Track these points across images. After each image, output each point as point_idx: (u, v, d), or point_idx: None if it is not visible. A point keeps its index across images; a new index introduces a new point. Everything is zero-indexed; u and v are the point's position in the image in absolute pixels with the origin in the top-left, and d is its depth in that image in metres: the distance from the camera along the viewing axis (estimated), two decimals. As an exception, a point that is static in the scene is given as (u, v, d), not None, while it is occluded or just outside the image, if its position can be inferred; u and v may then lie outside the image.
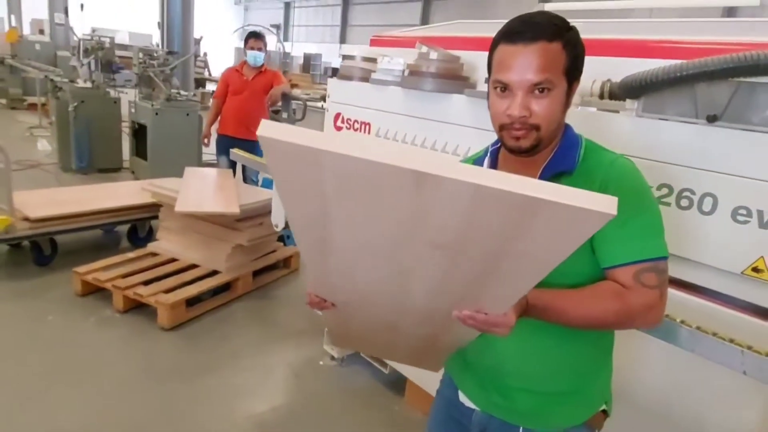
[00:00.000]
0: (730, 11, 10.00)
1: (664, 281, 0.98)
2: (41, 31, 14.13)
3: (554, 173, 1.02)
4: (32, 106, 9.73)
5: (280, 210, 2.91)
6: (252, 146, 3.93)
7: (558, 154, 1.05)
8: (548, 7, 3.09)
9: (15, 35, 11.50)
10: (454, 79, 2.14)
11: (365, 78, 2.54)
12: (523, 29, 0.95)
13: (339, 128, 2.67)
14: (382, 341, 1.18)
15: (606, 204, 0.58)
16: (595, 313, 0.95)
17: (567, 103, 1.01)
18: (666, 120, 1.55)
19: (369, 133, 2.50)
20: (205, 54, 16.12)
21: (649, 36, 1.81)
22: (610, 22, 2.34)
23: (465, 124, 2.07)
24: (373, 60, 2.59)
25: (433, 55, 2.12)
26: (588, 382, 1.12)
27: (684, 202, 1.51)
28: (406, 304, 0.90)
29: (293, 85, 14.83)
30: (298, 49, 24.93)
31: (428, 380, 2.27)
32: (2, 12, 17.99)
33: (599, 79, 1.79)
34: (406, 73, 2.20)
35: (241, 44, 4.66)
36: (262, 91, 4.28)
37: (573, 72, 0.99)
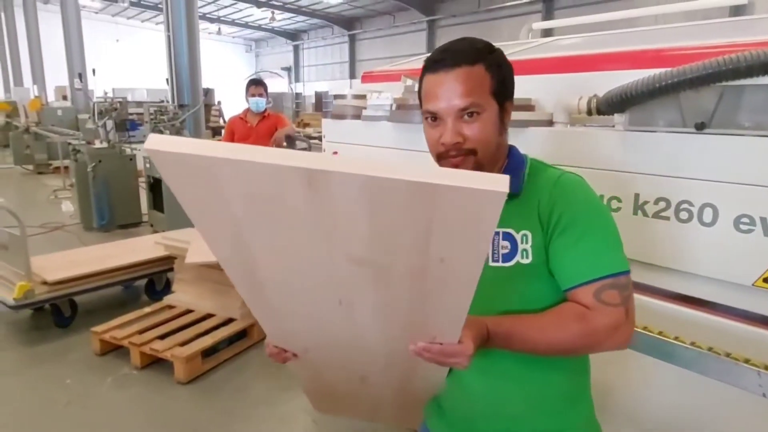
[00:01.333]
0: (738, 10, 9.85)
1: (627, 297, 0.91)
2: (64, 97, 14.82)
3: None
4: (57, 170, 10.11)
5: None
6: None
7: None
8: (546, 25, 3.08)
9: (38, 104, 12.08)
10: (440, 109, 2.13)
11: (357, 115, 2.56)
12: (444, 57, 0.95)
13: (336, 167, 2.68)
14: (361, 399, 1.14)
15: (498, 183, 0.55)
16: (559, 337, 0.90)
17: (502, 124, 1.00)
18: (654, 132, 1.50)
19: (365, 169, 2.49)
20: (219, 103, 16.63)
21: (653, 45, 1.77)
22: (613, 33, 2.32)
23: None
24: (363, 97, 2.61)
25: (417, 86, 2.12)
26: (569, 419, 1.03)
27: (683, 215, 1.44)
28: (362, 345, 0.87)
29: (305, 125, 15.13)
30: (309, 88, 25.52)
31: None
32: (28, 82, 19.00)
33: (585, 95, 1.76)
34: (394, 107, 2.20)
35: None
36: (267, 136, 4.36)
37: (502, 93, 0.98)
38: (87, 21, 14.82)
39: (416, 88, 2.12)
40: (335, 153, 2.70)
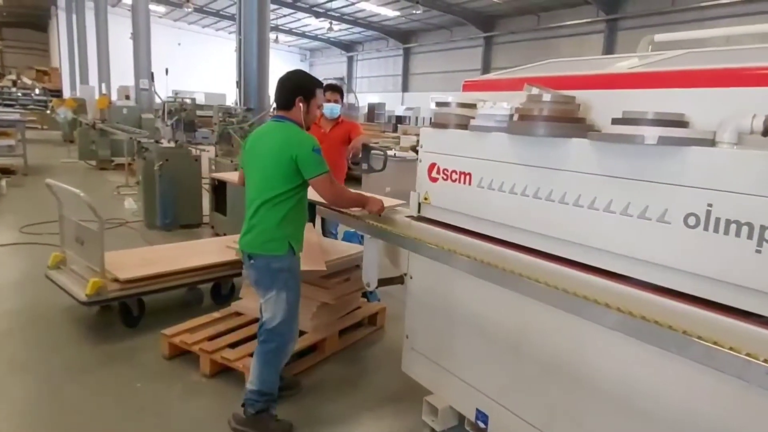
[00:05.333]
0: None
1: None
2: (127, 97, 15.34)
3: None
4: (119, 167, 10.37)
5: (373, 268, 2.73)
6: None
7: None
8: (673, 38, 2.73)
9: (106, 102, 12.50)
10: (569, 122, 1.92)
11: (462, 125, 2.37)
12: None
13: (434, 179, 2.49)
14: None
15: None
16: None
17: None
18: None
19: (470, 183, 2.30)
20: (274, 108, 16.80)
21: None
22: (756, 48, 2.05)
23: (588, 172, 1.82)
24: (471, 106, 2.42)
25: (547, 96, 1.92)
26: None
27: None
28: None
29: (360, 134, 15.03)
30: (361, 99, 25.65)
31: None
32: (94, 81, 19.80)
33: (761, 113, 1.51)
34: (515, 117, 2.00)
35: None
36: (340, 142, 4.22)
37: None
38: (152, 24, 15.30)
39: (546, 97, 1.93)
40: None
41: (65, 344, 3.34)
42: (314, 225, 4.13)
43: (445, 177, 2.44)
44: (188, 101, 6.49)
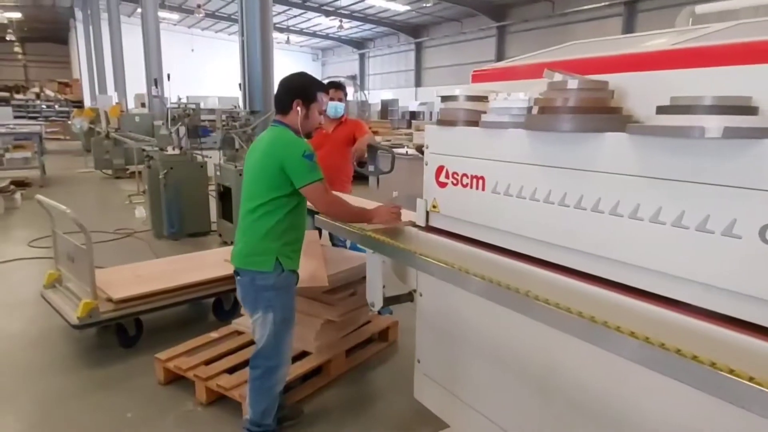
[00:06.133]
0: None
1: None
2: (143, 105, 15.31)
3: None
4: (133, 175, 10.29)
5: (377, 286, 2.44)
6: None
7: None
8: (717, 8, 2.35)
9: (117, 110, 12.46)
10: (602, 113, 1.60)
11: (473, 121, 2.06)
12: None
13: (443, 184, 2.19)
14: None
15: None
16: None
17: None
18: None
19: (483, 189, 1.99)
20: (285, 110, 16.60)
21: None
22: None
23: (629, 173, 1.50)
24: (482, 98, 2.11)
25: (573, 83, 1.60)
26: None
27: None
28: None
29: (374, 132, 14.84)
30: (374, 96, 25.34)
31: None
32: (111, 91, 19.94)
33: None
34: (535, 110, 1.69)
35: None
36: (345, 143, 3.93)
37: None
38: (165, 32, 15.25)
39: (573, 84, 1.61)
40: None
41: (59, 368, 3.15)
42: (321, 233, 3.86)
43: (455, 182, 2.14)
44: (192, 106, 6.27)
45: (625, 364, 1.38)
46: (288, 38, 27.94)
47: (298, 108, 2.24)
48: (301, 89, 2.28)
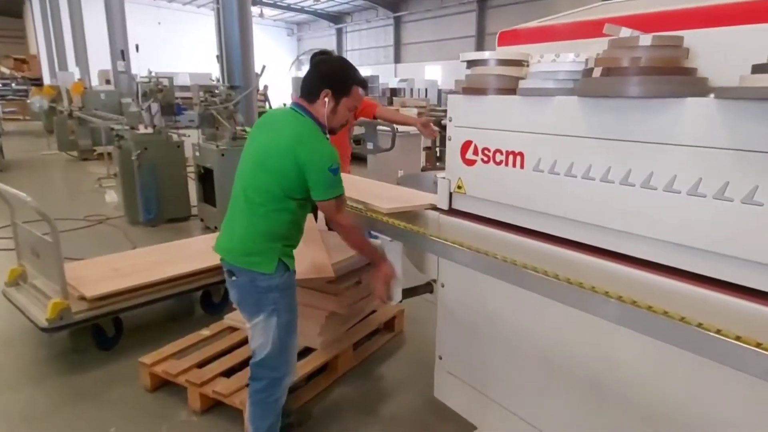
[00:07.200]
0: None
1: None
2: (108, 81, 14.50)
3: None
4: (101, 156, 9.72)
5: (398, 278, 2.18)
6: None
7: None
8: None
9: (80, 87, 11.74)
10: (678, 74, 1.35)
11: (508, 89, 1.79)
12: None
13: (470, 162, 1.92)
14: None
15: None
16: None
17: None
18: None
19: (522, 166, 1.73)
20: (265, 87, 16.02)
21: None
22: None
23: (713, 145, 1.26)
24: (518, 62, 1.83)
25: (646, 39, 1.33)
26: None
27: None
28: None
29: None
30: (352, 73, 24.67)
31: None
32: (73, 67, 18.89)
33: None
34: (597, 72, 1.42)
35: (299, 74, 4.04)
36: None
37: None
38: (129, 5, 14.36)
39: (645, 41, 1.35)
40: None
41: (27, 378, 2.80)
42: (316, 217, 3.56)
43: (485, 159, 1.87)
44: (164, 80, 5.81)
45: (685, 360, 1.16)
46: (261, 11, 26.89)
47: (326, 99, 1.87)
48: (334, 79, 1.90)
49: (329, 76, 1.92)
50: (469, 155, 1.93)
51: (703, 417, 1.35)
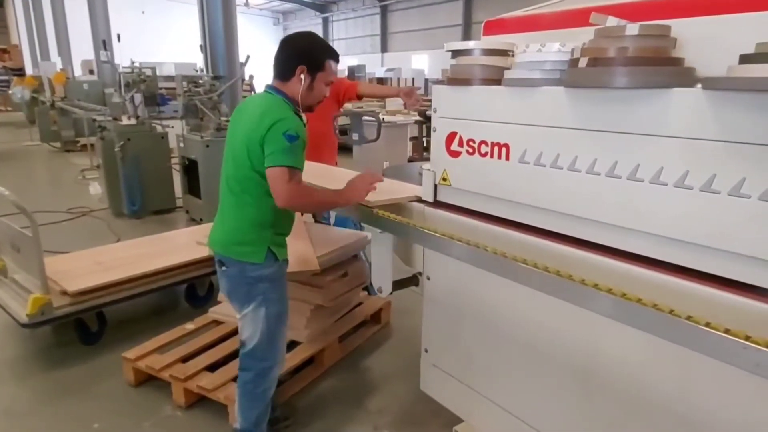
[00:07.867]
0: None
1: None
2: (91, 71, 14.23)
3: None
4: (85, 147, 9.56)
5: (386, 270, 2.16)
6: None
7: None
8: None
9: (62, 77, 11.53)
10: (665, 64, 1.33)
11: (493, 79, 1.77)
12: None
13: (455, 153, 1.90)
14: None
15: None
16: None
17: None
18: None
19: (507, 158, 1.71)
20: (251, 77, 15.84)
21: None
22: None
23: (700, 137, 1.25)
24: (504, 52, 1.81)
25: (633, 29, 1.31)
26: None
27: None
28: None
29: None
30: (340, 62, 24.51)
31: None
32: (55, 57, 18.51)
33: None
34: (583, 62, 1.40)
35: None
36: (328, 107, 3.56)
37: None
38: (111, -8, 14.09)
39: (632, 31, 1.33)
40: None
41: (9, 374, 2.76)
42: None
43: (470, 150, 1.85)
44: (147, 71, 5.70)
45: (674, 351, 1.16)
46: (247, 0, 26.55)
47: (302, 76, 1.84)
48: (307, 54, 1.87)
49: (302, 52, 1.88)
50: (454, 147, 1.90)
51: (691, 409, 1.35)
